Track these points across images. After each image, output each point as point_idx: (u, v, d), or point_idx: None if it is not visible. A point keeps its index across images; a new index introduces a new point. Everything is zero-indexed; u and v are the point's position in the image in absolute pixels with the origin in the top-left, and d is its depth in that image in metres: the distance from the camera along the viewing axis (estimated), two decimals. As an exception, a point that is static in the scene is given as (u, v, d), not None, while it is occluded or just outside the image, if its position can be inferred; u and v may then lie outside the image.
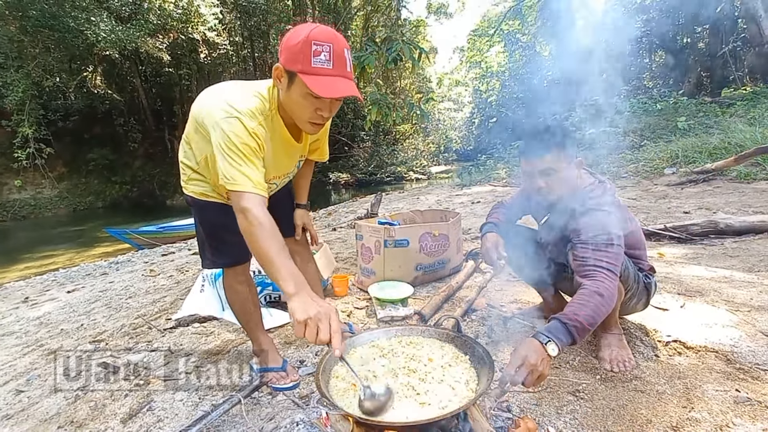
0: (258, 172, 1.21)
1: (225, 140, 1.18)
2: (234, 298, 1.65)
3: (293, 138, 1.39)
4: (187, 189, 1.50)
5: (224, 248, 1.54)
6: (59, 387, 1.81)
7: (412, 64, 4.93)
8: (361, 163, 20.56)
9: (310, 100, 1.19)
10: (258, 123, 1.24)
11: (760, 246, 2.84)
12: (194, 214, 1.55)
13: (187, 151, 1.45)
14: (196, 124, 1.32)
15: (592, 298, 1.27)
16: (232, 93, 1.27)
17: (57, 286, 4.57)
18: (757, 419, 1.21)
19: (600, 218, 1.45)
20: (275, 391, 1.59)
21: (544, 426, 1.27)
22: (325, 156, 1.72)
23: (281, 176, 1.49)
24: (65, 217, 15.65)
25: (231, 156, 1.18)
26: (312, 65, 1.13)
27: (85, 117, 17.94)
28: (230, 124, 1.19)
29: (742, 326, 1.75)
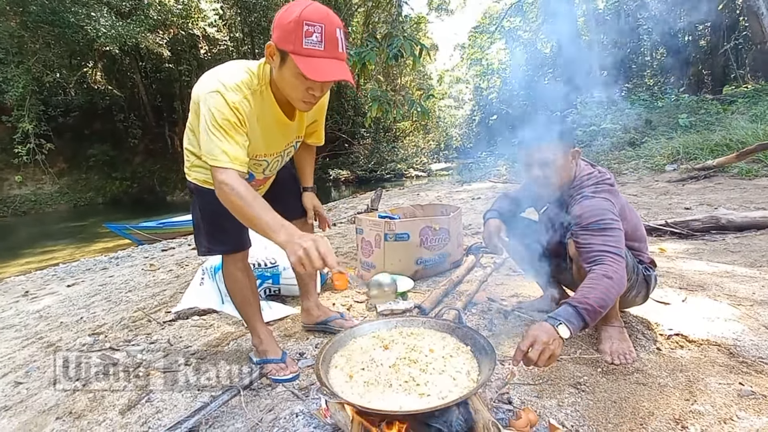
0: (237, 148, 1.23)
1: (207, 115, 1.21)
2: (233, 286, 1.65)
3: (285, 116, 1.38)
4: (189, 176, 1.51)
5: (223, 236, 1.55)
6: (58, 379, 1.80)
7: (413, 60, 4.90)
8: (362, 160, 20.51)
9: (301, 80, 1.18)
10: (243, 97, 1.25)
11: (762, 242, 2.83)
12: (195, 200, 1.56)
13: (191, 137, 1.47)
14: (194, 104, 1.33)
15: (602, 281, 1.27)
16: (223, 69, 1.30)
17: (57, 280, 4.57)
18: (762, 413, 1.20)
19: (598, 204, 1.46)
20: (275, 383, 1.58)
21: (545, 418, 1.26)
22: (321, 140, 1.74)
23: (273, 154, 1.47)
24: (66, 212, 15.65)
25: (211, 131, 1.21)
26: (303, 46, 1.12)
27: (85, 113, 17.92)
28: (213, 99, 1.21)
29: (745, 320, 1.73)
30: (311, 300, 1.98)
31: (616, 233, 1.40)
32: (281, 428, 1.30)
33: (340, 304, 2.35)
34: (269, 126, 1.36)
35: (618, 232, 1.41)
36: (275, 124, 1.38)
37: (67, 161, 17.67)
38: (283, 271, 2.41)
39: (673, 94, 9.65)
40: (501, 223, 1.78)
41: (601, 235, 1.39)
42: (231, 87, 1.23)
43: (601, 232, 1.40)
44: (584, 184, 1.55)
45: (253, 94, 1.28)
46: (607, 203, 1.47)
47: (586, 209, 1.46)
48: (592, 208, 1.45)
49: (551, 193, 1.63)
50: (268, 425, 1.32)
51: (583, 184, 1.55)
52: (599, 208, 1.45)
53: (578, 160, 1.60)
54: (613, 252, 1.35)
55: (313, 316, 1.98)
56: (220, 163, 1.20)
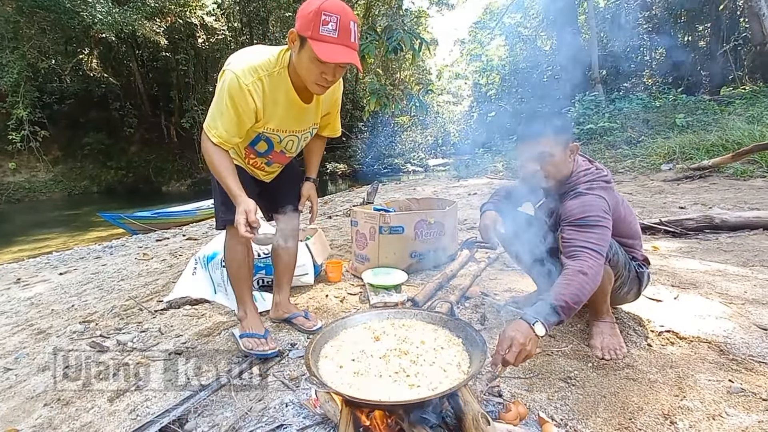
0: (232, 128, 1.43)
1: (221, 90, 1.40)
2: (232, 256, 1.71)
3: (301, 99, 1.52)
4: None
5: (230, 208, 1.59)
6: (47, 366, 1.79)
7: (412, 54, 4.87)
8: (359, 154, 20.47)
9: (316, 64, 1.32)
10: (257, 78, 1.40)
11: (754, 241, 2.84)
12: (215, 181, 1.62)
13: None
14: None
15: (576, 278, 1.29)
16: (249, 51, 1.47)
17: (50, 268, 4.54)
18: (751, 410, 1.21)
19: (587, 200, 1.46)
20: (253, 357, 1.62)
21: (534, 411, 1.26)
22: (337, 131, 1.87)
23: (287, 131, 1.60)
24: (60, 200, 15.51)
25: (219, 103, 1.41)
26: (320, 33, 1.26)
27: (80, 100, 17.70)
28: (229, 78, 1.38)
29: (736, 318, 1.74)
30: (281, 295, 2.02)
31: (600, 231, 1.40)
32: (270, 418, 1.30)
33: (334, 296, 2.35)
34: (284, 106, 1.50)
35: (603, 230, 1.41)
36: (290, 104, 1.51)
37: (61, 149, 17.48)
38: (277, 262, 2.39)
39: (671, 94, 9.66)
40: (497, 215, 1.78)
41: (584, 232, 1.40)
42: (248, 70, 1.39)
43: (585, 229, 1.40)
44: (580, 180, 1.55)
45: (270, 75, 1.42)
46: (599, 200, 1.47)
47: (576, 205, 1.47)
48: (582, 204, 1.46)
49: (548, 188, 1.63)
50: (258, 414, 1.32)
51: (579, 180, 1.55)
52: (588, 205, 1.45)
53: (576, 156, 1.60)
54: (593, 249, 1.35)
55: (279, 311, 2.02)
56: (212, 137, 1.42)
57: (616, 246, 1.55)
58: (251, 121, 1.47)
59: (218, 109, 1.42)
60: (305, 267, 2.44)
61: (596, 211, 1.43)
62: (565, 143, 1.54)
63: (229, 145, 1.46)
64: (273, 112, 1.49)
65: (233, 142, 1.48)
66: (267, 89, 1.43)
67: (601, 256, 1.36)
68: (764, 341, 1.55)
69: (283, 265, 1.99)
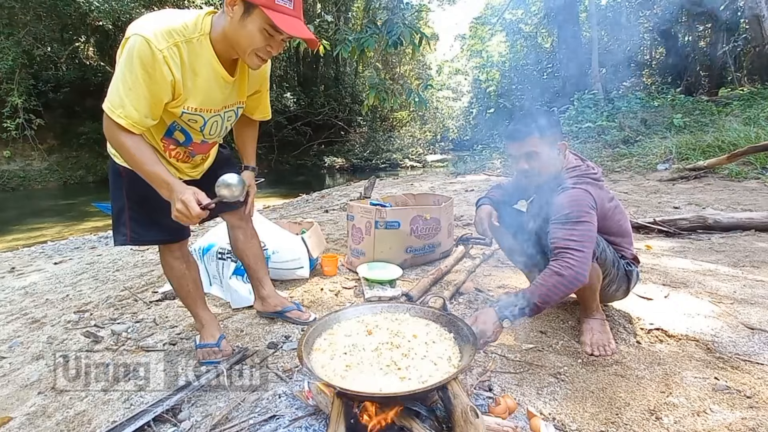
0: (144, 106, 1.18)
1: (126, 60, 1.15)
2: (170, 274, 1.63)
3: (226, 71, 1.32)
4: (118, 158, 1.39)
5: (154, 224, 1.48)
6: (41, 354, 1.80)
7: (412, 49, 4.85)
8: (357, 149, 20.40)
9: (264, 35, 1.20)
10: (172, 43, 1.17)
11: (746, 242, 2.88)
12: (119, 184, 1.44)
13: None
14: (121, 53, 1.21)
15: (552, 278, 1.36)
16: (156, 14, 1.25)
17: (44, 257, 4.52)
18: (735, 408, 1.23)
19: (572, 194, 1.49)
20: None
21: (524, 405, 1.28)
22: (267, 114, 1.67)
23: (210, 111, 1.37)
24: (55, 190, 15.42)
25: (124, 76, 1.15)
26: (276, 2, 1.15)
27: (76, 89, 17.51)
28: (138, 43, 1.13)
29: (724, 317, 1.77)
30: (266, 288, 1.94)
31: (583, 227, 1.42)
32: (263, 408, 1.31)
33: (329, 290, 2.36)
34: (206, 79, 1.28)
35: (586, 225, 1.43)
36: (214, 78, 1.30)
37: (57, 138, 17.32)
38: (272, 255, 2.40)
39: (670, 94, 9.68)
40: (492, 209, 1.81)
41: (566, 228, 1.43)
42: (161, 33, 1.16)
43: (568, 225, 1.43)
44: (568, 176, 1.57)
45: (188, 42, 1.21)
46: (584, 195, 1.48)
47: (561, 200, 1.49)
48: (567, 199, 1.48)
49: (538, 185, 1.65)
50: (251, 405, 1.34)
51: (567, 176, 1.57)
52: (573, 200, 1.47)
53: (566, 153, 1.62)
54: (574, 248, 1.38)
55: (269, 304, 1.96)
56: (117, 118, 1.17)
57: (604, 244, 1.57)
58: (167, 96, 1.23)
59: (124, 84, 1.15)
60: (300, 260, 2.44)
61: (580, 207, 1.45)
62: (553, 142, 1.56)
63: (140, 128, 1.21)
64: (193, 86, 1.26)
65: (146, 125, 1.23)
66: (185, 57, 1.21)
67: (583, 252, 1.38)
68: (751, 340, 1.58)
69: (251, 258, 1.88)
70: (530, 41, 18.73)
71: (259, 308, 2.01)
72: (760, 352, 1.50)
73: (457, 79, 32.69)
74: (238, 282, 2.23)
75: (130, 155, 1.23)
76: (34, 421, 1.34)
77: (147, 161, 1.23)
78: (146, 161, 1.22)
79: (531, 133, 1.54)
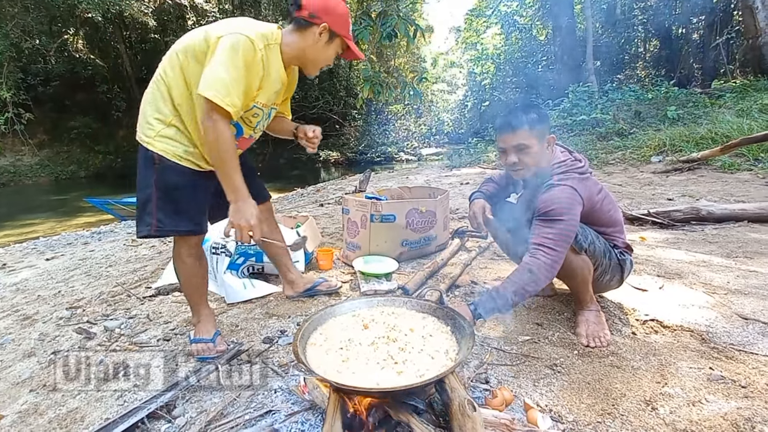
0: (241, 93, 1.32)
1: (229, 51, 1.29)
2: (182, 269, 1.62)
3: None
4: (153, 146, 1.43)
5: (180, 215, 1.49)
6: (33, 351, 1.77)
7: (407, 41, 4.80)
8: (352, 142, 20.31)
9: (332, 56, 1.55)
10: (264, 45, 1.38)
11: (739, 233, 2.89)
12: (150, 173, 1.45)
13: (164, 93, 1.43)
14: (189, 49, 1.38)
15: (523, 275, 1.42)
16: (245, 20, 1.44)
17: (36, 253, 4.48)
18: (730, 397, 1.24)
19: (555, 193, 1.50)
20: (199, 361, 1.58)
21: (520, 397, 1.28)
22: (288, 113, 1.86)
23: (268, 106, 1.56)
24: (47, 185, 15.23)
25: (229, 68, 1.28)
26: (348, 33, 1.51)
27: (66, 82, 17.23)
28: (241, 41, 1.31)
29: (719, 308, 1.78)
30: (293, 272, 2.10)
31: (561, 225, 1.44)
32: (259, 404, 1.30)
33: (324, 284, 2.34)
34: (274, 80, 1.49)
35: (564, 224, 1.44)
36: (278, 79, 1.51)
37: (47, 132, 17.07)
38: (267, 249, 2.38)
39: (664, 86, 9.69)
40: (486, 203, 1.81)
41: (544, 226, 1.46)
42: (258, 35, 1.36)
43: (547, 223, 1.45)
44: (554, 172, 1.57)
45: (271, 47, 1.42)
46: (568, 191, 1.49)
47: (545, 198, 1.50)
48: (550, 197, 1.49)
49: (526, 180, 1.66)
50: (246, 401, 1.33)
51: (553, 172, 1.57)
52: (555, 198, 1.48)
53: (553, 147, 1.61)
54: (546, 246, 1.43)
55: (299, 285, 2.09)
56: (219, 101, 1.27)
57: (593, 236, 1.57)
58: (255, 90, 1.41)
59: (229, 75, 1.28)
60: (296, 254, 2.43)
61: (560, 204, 1.46)
62: (542, 135, 1.56)
63: (236, 113, 1.33)
64: (266, 85, 1.46)
65: (239, 113, 1.36)
66: (270, 59, 1.43)
67: (555, 251, 1.42)
68: (745, 330, 1.59)
69: (278, 247, 2.01)
70: (525, 33, 18.65)
71: (290, 293, 2.11)
72: (755, 342, 1.51)
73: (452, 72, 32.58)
74: (233, 277, 2.22)
75: (225, 151, 1.34)
76: (26, 419, 1.32)
77: (231, 159, 1.37)
78: (231, 159, 1.36)
79: (522, 125, 1.53)
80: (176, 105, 1.42)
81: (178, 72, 1.41)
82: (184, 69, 1.40)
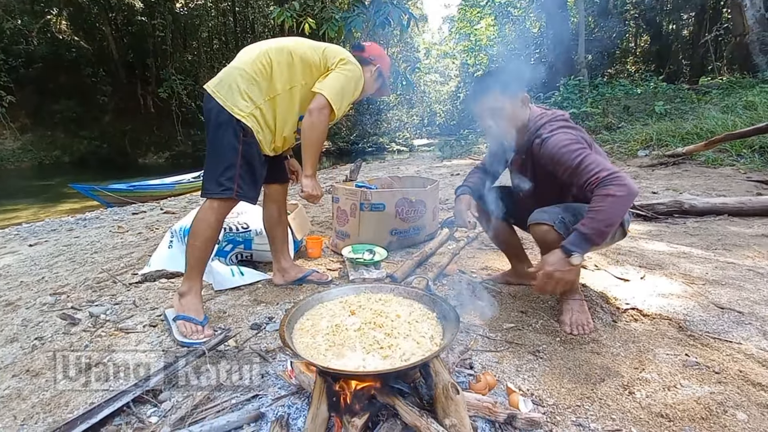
0: (346, 107, 1.81)
1: (349, 77, 1.75)
2: (206, 233, 1.67)
3: None
4: (247, 120, 1.64)
5: (254, 186, 1.74)
6: (16, 337, 1.75)
7: (400, 30, 4.76)
8: (343, 132, 20.20)
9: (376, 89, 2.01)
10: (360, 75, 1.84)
11: (719, 226, 2.97)
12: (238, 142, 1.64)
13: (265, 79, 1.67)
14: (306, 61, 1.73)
15: (605, 201, 1.34)
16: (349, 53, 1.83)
17: (19, 239, 4.38)
18: (704, 382, 1.28)
19: (561, 141, 1.48)
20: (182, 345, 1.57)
21: (503, 382, 1.31)
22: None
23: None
24: (29, 170, 14.88)
25: (347, 88, 1.75)
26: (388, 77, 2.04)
27: (49, 65, 16.75)
28: (358, 73, 1.80)
29: (696, 297, 1.83)
30: (287, 260, 2.14)
31: (591, 157, 1.42)
32: (246, 389, 1.31)
33: (313, 272, 2.35)
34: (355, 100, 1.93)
35: (591, 156, 1.42)
36: None
37: (29, 116, 16.64)
38: (256, 236, 2.38)
39: (653, 81, 9.80)
40: (471, 199, 1.81)
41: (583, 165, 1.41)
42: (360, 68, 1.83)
43: (582, 162, 1.41)
44: (538, 124, 1.58)
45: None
46: (567, 135, 1.50)
47: (550, 152, 1.49)
48: (559, 145, 1.47)
49: (509, 141, 1.68)
50: (233, 385, 1.33)
51: (537, 125, 1.58)
52: (565, 143, 1.47)
53: (528, 105, 1.63)
54: (607, 169, 1.37)
55: (290, 274, 2.13)
56: (334, 106, 1.70)
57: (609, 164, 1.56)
58: None
59: (346, 94, 1.75)
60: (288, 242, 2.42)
61: (573, 146, 1.45)
62: (514, 96, 1.58)
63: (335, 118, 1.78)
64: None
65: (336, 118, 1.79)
66: None
67: (616, 171, 1.37)
68: (720, 319, 1.65)
69: (280, 233, 2.10)
70: (519, 25, 18.61)
71: (279, 281, 2.14)
72: (729, 330, 1.57)
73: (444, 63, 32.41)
74: (220, 264, 2.21)
75: (319, 139, 1.74)
76: (9, 404, 1.31)
77: (320, 144, 1.77)
78: (320, 144, 1.76)
79: (491, 88, 1.57)
80: (272, 93, 1.68)
81: (285, 70, 1.69)
82: (295, 71, 1.71)
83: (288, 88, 1.70)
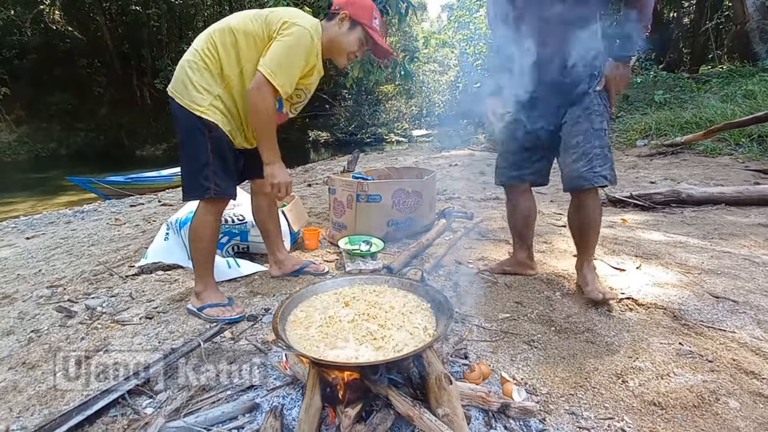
0: (293, 78, 1.55)
1: (292, 42, 1.51)
2: (206, 233, 1.70)
3: None
4: (207, 115, 1.57)
5: (230, 182, 1.68)
6: (12, 330, 1.75)
7: (398, 19, 4.69)
8: (342, 123, 20.06)
9: (360, 45, 1.68)
10: (318, 39, 1.58)
11: (716, 216, 2.97)
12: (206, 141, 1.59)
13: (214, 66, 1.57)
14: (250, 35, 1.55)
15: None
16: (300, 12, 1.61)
17: (16, 232, 4.38)
18: (697, 371, 1.29)
19: None
20: (221, 323, 1.64)
21: (497, 371, 1.32)
22: None
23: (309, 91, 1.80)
24: (26, 163, 14.79)
25: (289, 55, 1.51)
26: (371, 23, 1.66)
27: (43, 56, 16.56)
28: (303, 34, 1.52)
29: (692, 287, 1.84)
30: (283, 252, 2.14)
31: None
32: (241, 380, 1.32)
33: (309, 263, 2.35)
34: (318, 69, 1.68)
35: None
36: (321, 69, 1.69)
37: (25, 108, 16.49)
38: (252, 228, 2.37)
39: (653, 70, 9.71)
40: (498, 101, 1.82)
41: None
42: (315, 29, 1.56)
43: None
44: None
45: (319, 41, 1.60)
46: None
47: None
48: None
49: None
50: (228, 377, 1.34)
51: None
52: None
53: None
54: None
55: (286, 266, 2.12)
56: (275, 82, 1.49)
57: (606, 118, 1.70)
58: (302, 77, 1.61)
59: (288, 61, 1.51)
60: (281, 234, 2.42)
61: None
62: None
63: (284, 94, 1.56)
64: (315, 72, 1.67)
65: (287, 93, 1.57)
66: (320, 52, 1.62)
67: None
68: (715, 308, 1.65)
69: (272, 226, 2.07)
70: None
71: (276, 273, 2.13)
72: (723, 319, 1.57)
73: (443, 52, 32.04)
74: (217, 256, 2.20)
75: (269, 122, 1.56)
76: (4, 396, 1.31)
77: (271, 126, 1.58)
78: (271, 126, 1.58)
79: None
80: (225, 79, 1.58)
81: (231, 51, 1.56)
82: (240, 49, 1.56)
83: (238, 71, 1.58)
